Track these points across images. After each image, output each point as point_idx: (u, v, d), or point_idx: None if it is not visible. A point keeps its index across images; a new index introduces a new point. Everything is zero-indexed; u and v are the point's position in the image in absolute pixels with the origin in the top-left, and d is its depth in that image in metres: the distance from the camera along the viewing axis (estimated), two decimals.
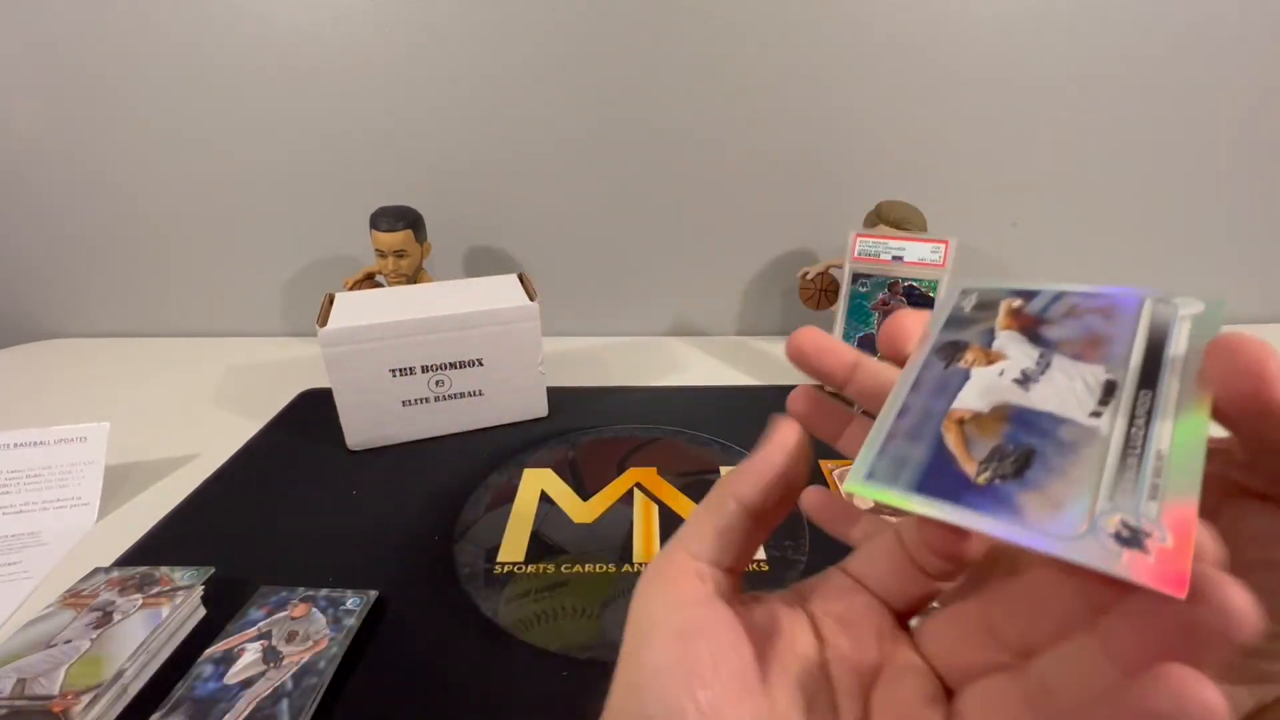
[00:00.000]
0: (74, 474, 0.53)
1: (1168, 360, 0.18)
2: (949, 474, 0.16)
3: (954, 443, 0.17)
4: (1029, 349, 0.20)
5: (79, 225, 0.81)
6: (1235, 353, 0.15)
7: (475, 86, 0.73)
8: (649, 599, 0.18)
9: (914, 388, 0.19)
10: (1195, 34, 0.70)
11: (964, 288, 0.22)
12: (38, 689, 0.33)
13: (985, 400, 0.18)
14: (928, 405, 0.18)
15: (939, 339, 0.21)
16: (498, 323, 0.57)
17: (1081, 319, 0.20)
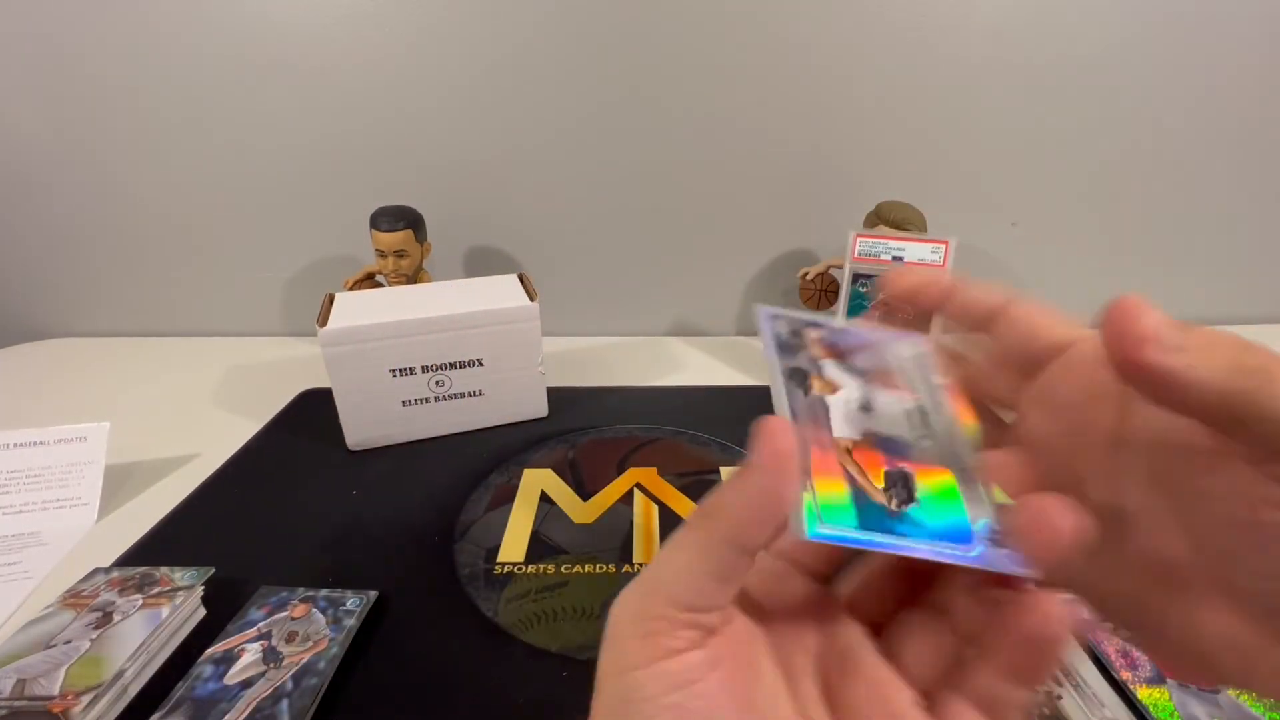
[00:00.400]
0: (74, 474, 0.53)
1: (935, 386, 0.22)
2: (872, 507, 0.18)
3: (857, 474, 0.19)
4: (851, 379, 0.22)
5: (79, 225, 0.81)
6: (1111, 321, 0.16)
7: (476, 87, 0.73)
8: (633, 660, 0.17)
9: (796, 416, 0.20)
10: (1196, 34, 0.70)
11: (771, 313, 0.24)
12: (38, 689, 0.33)
13: (853, 428, 0.20)
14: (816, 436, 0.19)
15: (783, 364, 0.22)
16: (498, 323, 0.57)
17: (869, 352, 0.24)
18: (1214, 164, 0.76)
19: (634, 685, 0.16)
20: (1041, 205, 0.78)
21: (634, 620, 0.17)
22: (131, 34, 0.70)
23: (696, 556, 0.17)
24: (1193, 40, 0.70)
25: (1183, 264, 0.82)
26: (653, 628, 0.17)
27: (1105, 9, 0.68)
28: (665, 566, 0.18)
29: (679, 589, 0.17)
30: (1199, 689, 0.34)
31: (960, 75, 0.71)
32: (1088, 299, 0.89)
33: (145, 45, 0.71)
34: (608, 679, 0.17)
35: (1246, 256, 0.82)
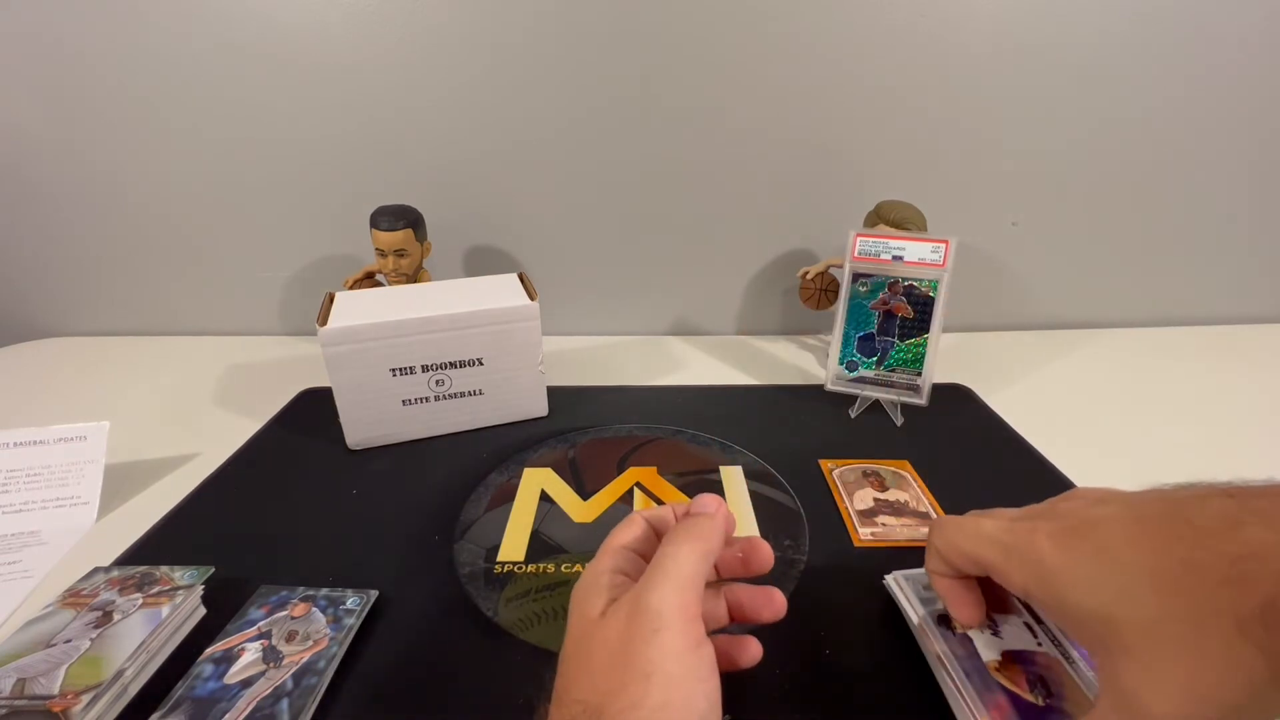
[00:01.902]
0: (74, 473, 0.53)
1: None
2: (1026, 706, 0.27)
3: (1011, 685, 0.28)
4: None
5: (79, 224, 0.81)
6: None
7: (476, 87, 0.73)
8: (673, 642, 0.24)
9: (955, 655, 0.31)
10: (1197, 35, 0.70)
11: (901, 576, 0.37)
12: (37, 688, 0.33)
13: (995, 651, 0.30)
14: (970, 665, 0.30)
15: (930, 611, 0.34)
16: (498, 322, 0.57)
17: None
18: (1214, 164, 0.76)
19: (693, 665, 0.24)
20: (1041, 205, 0.78)
21: (681, 609, 0.25)
22: (131, 33, 0.70)
23: (701, 563, 0.27)
24: (1194, 40, 0.70)
25: (1183, 264, 0.82)
26: (691, 611, 0.25)
27: (1106, 9, 0.68)
28: (685, 570, 0.26)
29: (699, 583, 0.27)
30: None
31: (961, 75, 0.71)
32: (1087, 299, 0.90)
33: (145, 44, 0.71)
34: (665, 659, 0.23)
35: (1246, 256, 0.82)
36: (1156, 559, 0.22)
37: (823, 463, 0.55)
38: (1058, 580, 0.25)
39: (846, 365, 0.67)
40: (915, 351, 0.64)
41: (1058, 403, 0.67)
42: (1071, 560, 0.24)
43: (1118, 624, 0.22)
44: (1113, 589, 0.23)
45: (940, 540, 0.31)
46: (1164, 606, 0.21)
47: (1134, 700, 0.21)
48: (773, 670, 0.36)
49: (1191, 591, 0.21)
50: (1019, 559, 0.26)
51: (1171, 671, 0.21)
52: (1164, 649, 0.21)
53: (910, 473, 0.54)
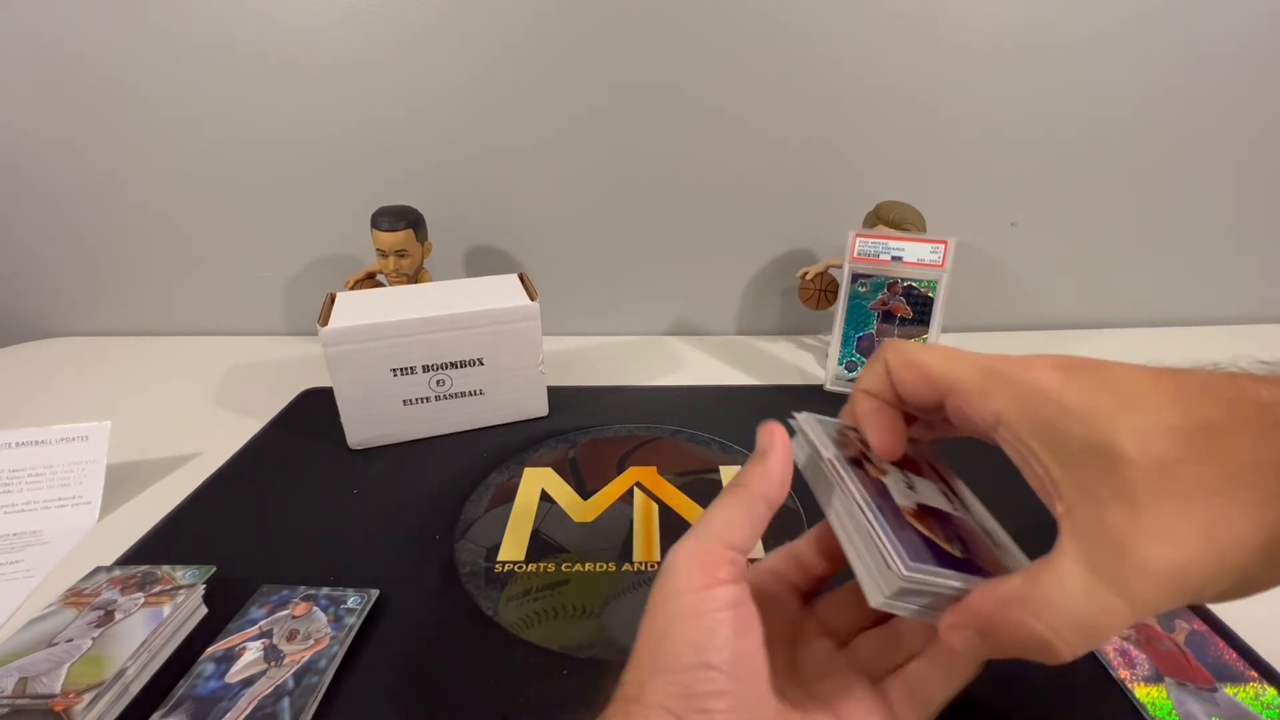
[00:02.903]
0: (75, 473, 0.53)
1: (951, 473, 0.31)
2: (944, 554, 0.23)
3: (927, 532, 0.24)
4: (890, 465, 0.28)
5: (80, 224, 0.81)
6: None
7: (476, 87, 0.73)
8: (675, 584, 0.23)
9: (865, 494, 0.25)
10: (1197, 33, 0.70)
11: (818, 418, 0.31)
12: (39, 688, 0.34)
13: (909, 500, 0.25)
14: (884, 504, 0.24)
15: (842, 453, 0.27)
16: (498, 322, 0.57)
17: None
18: (1215, 164, 0.76)
19: (692, 603, 0.23)
20: (1041, 205, 0.78)
21: (693, 556, 0.24)
22: (131, 33, 0.70)
23: (739, 510, 0.25)
24: (1193, 40, 0.70)
25: (1183, 264, 0.82)
26: (709, 561, 0.23)
27: (1106, 10, 0.68)
28: (715, 518, 0.25)
29: (728, 533, 0.24)
30: (1195, 687, 0.35)
31: (961, 75, 0.72)
32: (1087, 299, 0.90)
33: (144, 44, 0.71)
34: (667, 600, 0.23)
35: (1246, 256, 0.82)
36: (1189, 400, 0.19)
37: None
38: (1052, 405, 0.21)
39: (846, 365, 0.67)
40: None
41: None
42: (1077, 387, 0.21)
43: (1122, 461, 0.19)
44: (1125, 423, 0.19)
45: (894, 354, 0.26)
46: (1190, 448, 0.19)
47: (1122, 547, 0.18)
48: None
49: (1231, 433, 0.18)
50: (1002, 381, 0.22)
51: (1185, 516, 0.18)
52: (1181, 494, 0.18)
53: None
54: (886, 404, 0.27)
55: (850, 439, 0.29)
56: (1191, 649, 0.37)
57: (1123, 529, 0.18)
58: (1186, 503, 0.18)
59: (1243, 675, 0.35)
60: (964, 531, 0.25)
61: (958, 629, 0.21)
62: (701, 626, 0.22)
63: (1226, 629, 0.38)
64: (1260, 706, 0.33)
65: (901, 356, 0.26)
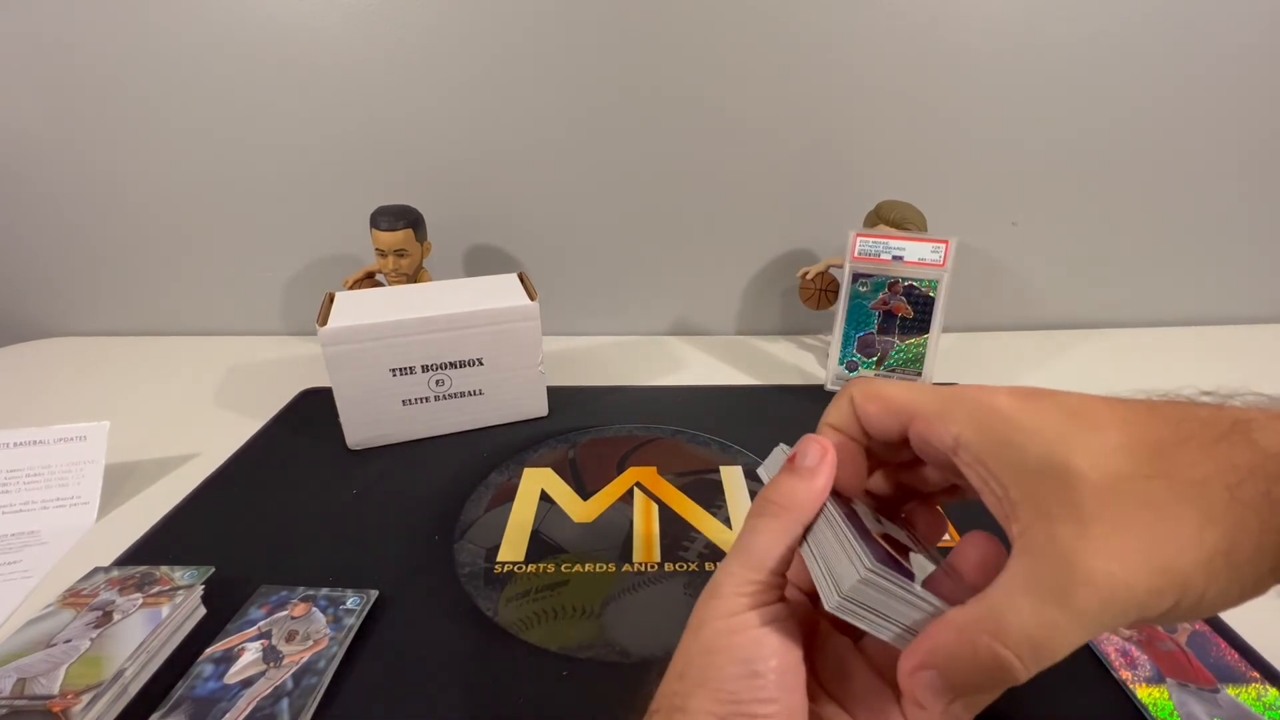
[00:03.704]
0: (74, 473, 0.53)
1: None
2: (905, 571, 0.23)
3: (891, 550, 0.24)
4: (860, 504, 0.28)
5: (79, 224, 0.81)
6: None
7: (476, 87, 0.73)
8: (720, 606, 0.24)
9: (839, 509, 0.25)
10: (1197, 33, 0.70)
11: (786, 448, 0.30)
12: (38, 688, 0.33)
13: (877, 526, 0.26)
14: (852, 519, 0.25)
15: None
16: (498, 322, 0.57)
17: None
18: (1215, 164, 0.76)
19: (740, 623, 0.23)
20: (1041, 205, 0.78)
21: (740, 583, 0.24)
22: (131, 33, 0.70)
23: (777, 536, 0.24)
24: (1193, 41, 0.70)
25: (1183, 264, 0.82)
26: (756, 589, 0.24)
27: (1106, 10, 0.68)
28: (755, 544, 0.25)
29: (769, 559, 0.24)
30: (1197, 687, 0.34)
31: (961, 75, 0.71)
32: (1087, 299, 0.90)
33: (144, 44, 0.71)
34: (715, 620, 0.23)
35: (1246, 256, 0.82)
36: (1138, 421, 0.20)
37: None
38: (1008, 425, 0.21)
39: (846, 365, 0.67)
40: (915, 351, 0.64)
41: None
42: (1031, 409, 0.22)
43: (1074, 478, 0.19)
44: (1079, 439, 0.20)
45: (858, 389, 0.26)
46: (1139, 464, 0.19)
47: (1071, 563, 0.18)
48: None
49: (1177, 450, 0.19)
50: (961, 405, 0.23)
51: (1130, 534, 0.18)
52: (1127, 509, 0.19)
53: None
54: (850, 439, 0.27)
55: None
56: (1193, 650, 0.37)
57: (1070, 546, 0.19)
58: (1132, 518, 0.18)
59: (1244, 676, 0.35)
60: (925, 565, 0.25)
61: (919, 670, 0.20)
62: (749, 639, 0.23)
63: (1228, 629, 0.38)
64: (1262, 707, 0.33)
65: (866, 390, 0.26)
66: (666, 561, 0.45)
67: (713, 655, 0.23)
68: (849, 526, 0.24)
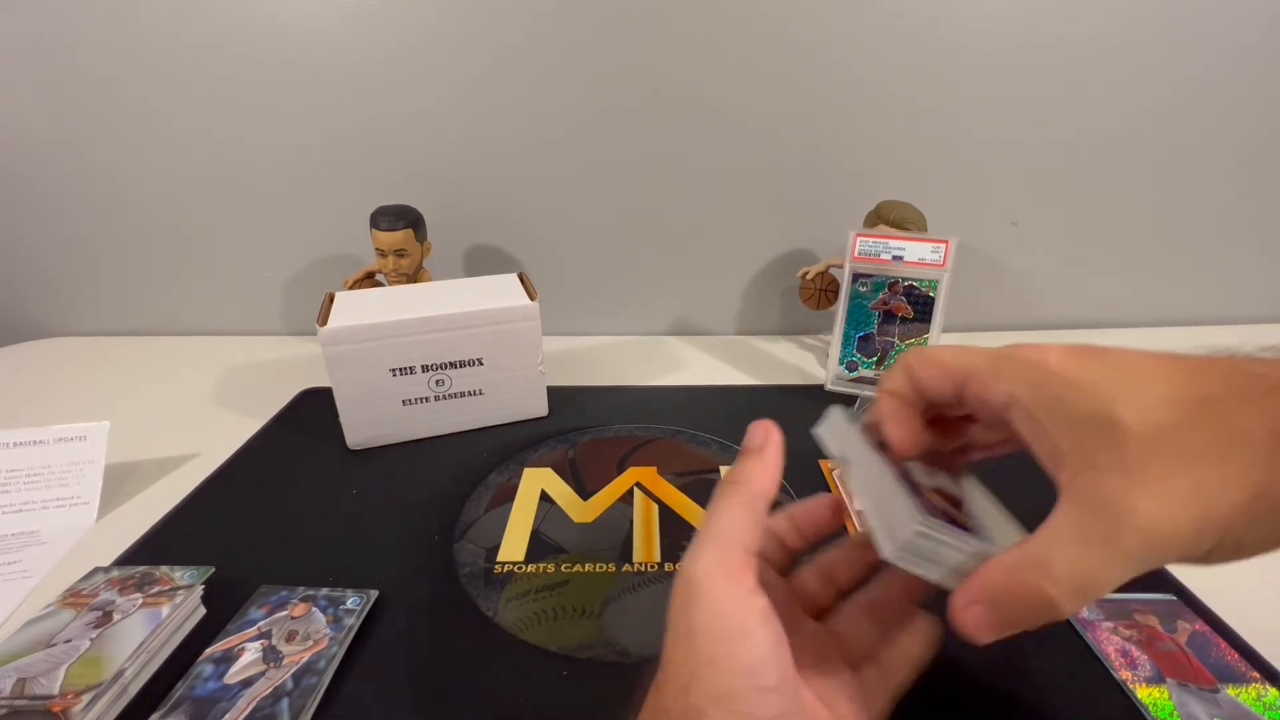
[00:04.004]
0: (74, 473, 0.53)
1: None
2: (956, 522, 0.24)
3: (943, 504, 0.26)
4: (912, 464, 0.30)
5: (79, 224, 0.81)
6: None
7: (476, 87, 0.73)
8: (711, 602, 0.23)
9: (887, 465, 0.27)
10: (1196, 34, 0.70)
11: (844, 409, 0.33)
12: (37, 688, 0.33)
13: (930, 481, 0.28)
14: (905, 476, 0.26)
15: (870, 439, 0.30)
16: (498, 322, 0.57)
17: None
18: (1214, 164, 0.76)
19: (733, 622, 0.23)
20: (1041, 205, 0.78)
21: (716, 568, 0.24)
22: (131, 33, 0.70)
23: (744, 511, 0.26)
24: (1193, 40, 0.70)
25: (1183, 264, 0.82)
26: (732, 570, 0.24)
27: (1105, 10, 0.68)
28: (723, 523, 0.25)
29: (740, 535, 0.25)
30: (1197, 688, 0.34)
31: (961, 75, 0.71)
32: (1087, 299, 0.90)
33: (145, 44, 0.71)
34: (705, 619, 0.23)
35: (1246, 256, 0.82)
36: (1187, 376, 0.21)
37: (823, 463, 0.55)
38: (1059, 381, 0.22)
39: (846, 365, 0.67)
40: None
41: None
42: (1079, 364, 0.22)
43: (1121, 428, 0.20)
44: (1126, 393, 0.21)
45: (915, 355, 0.28)
46: (1186, 416, 0.20)
47: (1116, 509, 0.19)
48: None
49: (1224, 403, 0.20)
50: (1013, 364, 0.24)
51: (1173, 482, 0.19)
52: (1174, 454, 0.19)
53: None
54: (907, 403, 0.28)
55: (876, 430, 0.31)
56: (1193, 650, 0.37)
57: (1115, 492, 0.20)
58: (1178, 465, 0.19)
59: (1244, 676, 0.35)
60: (975, 517, 0.26)
61: (971, 605, 0.22)
62: (747, 647, 0.23)
63: (1228, 629, 0.38)
64: (1262, 707, 0.33)
65: (922, 355, 0.28)
66: (666, 561, 0.45)
67: (714, 668, 0.23)
68: (901, 481, 0.25)
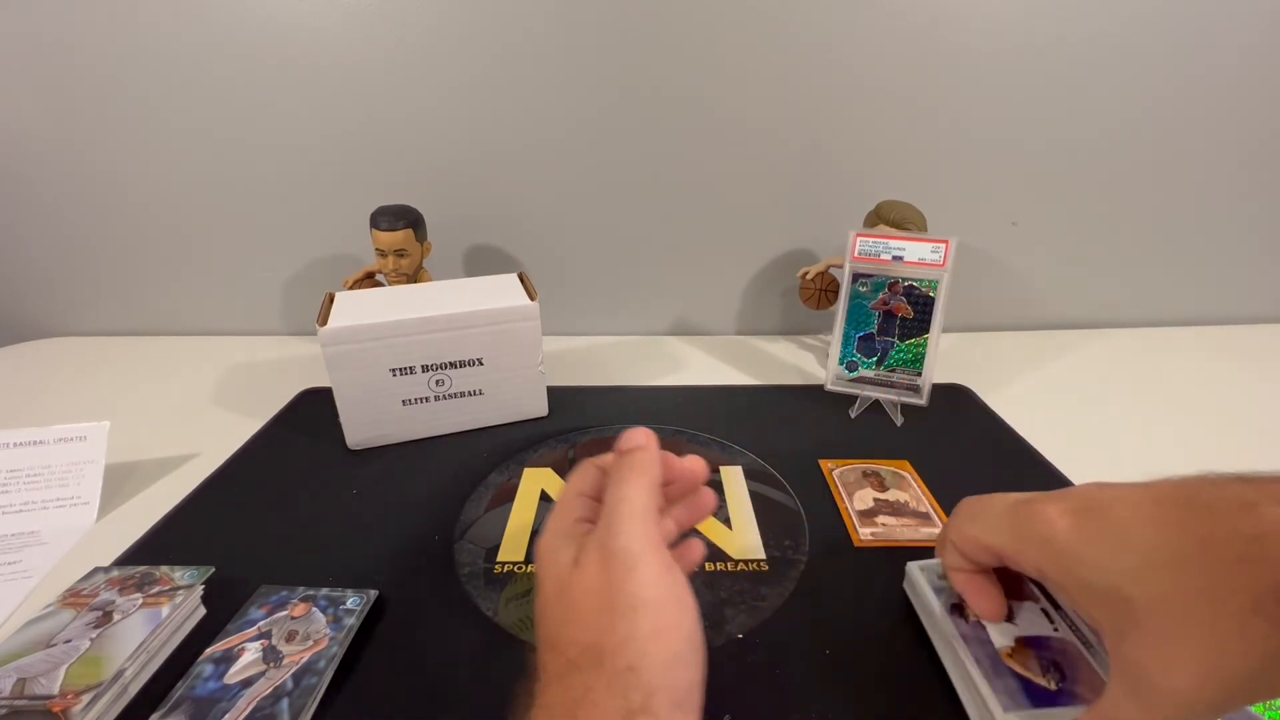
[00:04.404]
0: (74, 473, 0.53)
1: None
2: (1038, 690, 0.28)
3: (1022, 671, 0.29)
4: None
5: (79, 224, 0.81)
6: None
7: (476, 86, 0.73)
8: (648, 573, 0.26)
9: (967, 641, 0.31)
10: (1196, 34, 0.70)
11: (920, 566, 0.37)
12: (37, 688, 0.33)
13: (1008, 638, 0.30)
14: (983, 652, 0.30)
15: (944, 602, 0.34)
16: (498, 322, 0.57)
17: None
18: (1214, 164, 0.76)
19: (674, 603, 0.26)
20: (1041, 205, 0.78)
21: (649, 540, 0.27)
22: (131, 33, 0.70)
23: (650, 495, 0.29)
24: (1193, 41, 0.70)
25: (1183, 263, 0.82)
26: (658, 541, 0.27)
27: (1105, 10, 0.68)
28: (638, 505, 0.28)
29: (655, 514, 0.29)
30: None
31: (961, 76, 0.71)
32: (1087, 299, 0.90)
33: (145, 44, 0.71)
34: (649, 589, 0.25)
35: (1246, 256, 0.82)
36: (1172, 537, 0.23)
37: (823, 463, 0.55)
38: (1069, 558, 0.25)
39: (846, 365, 0.67)
40: (915, 351, 0.64)
41: (1057, 403, 0.67)
42: (1083, 538, 0.25)
43: (1130, 601, 0.22)
44: (1126, 566, 0.23)
45: (955, 534, 0.32)
46: (1179, 583, 0.22)
47: (1146, 677, 0.22)
48: (774, 670, 0.36)
49: (1207, 569, 0.21)
50: (1030, 540, 0.27)
51: (1184, 648, 0.21)
52: (1177, 626, 0.21)
53: (910, 473, 0.54)
54: (975, 575, 0.32)
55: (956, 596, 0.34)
56: None
57: (1146, 659, 0.22)
58: (1185, 637, 0.21)
59: None
60: (1062, 655, 0.29)
61: None
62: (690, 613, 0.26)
63: None
64: (1262, 707, 0.33)
65: (961, 535, 0.31)
66: None
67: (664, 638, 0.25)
68: (978, 666, 0.29)
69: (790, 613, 0.40)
